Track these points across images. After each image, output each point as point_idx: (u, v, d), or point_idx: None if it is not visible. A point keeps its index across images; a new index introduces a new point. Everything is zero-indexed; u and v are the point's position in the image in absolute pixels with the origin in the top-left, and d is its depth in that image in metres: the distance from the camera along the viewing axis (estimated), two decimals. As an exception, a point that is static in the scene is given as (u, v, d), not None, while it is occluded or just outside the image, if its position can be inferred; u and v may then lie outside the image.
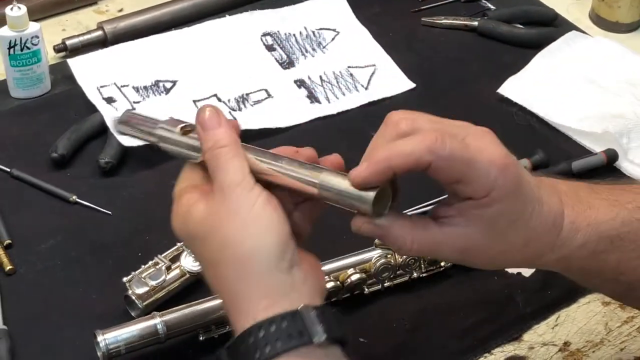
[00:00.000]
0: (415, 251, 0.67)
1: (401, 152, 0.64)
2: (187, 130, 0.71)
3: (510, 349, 0.85)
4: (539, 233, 0.68)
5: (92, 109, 1.04)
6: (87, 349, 0.80)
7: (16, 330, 0.82)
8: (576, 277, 0.74)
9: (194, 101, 1.06)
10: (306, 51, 1.15)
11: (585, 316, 0.88)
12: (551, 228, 0.69)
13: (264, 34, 1.16)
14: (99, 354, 0.78)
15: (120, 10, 1.21)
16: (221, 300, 0.69)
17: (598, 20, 1.25)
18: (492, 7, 1.25)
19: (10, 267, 0.87)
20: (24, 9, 1.01)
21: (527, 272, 0.91)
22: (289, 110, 1.06)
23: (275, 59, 1.13)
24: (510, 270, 0.91)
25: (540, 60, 1.15)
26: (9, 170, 0.97)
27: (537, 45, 1.18)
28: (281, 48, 1.15)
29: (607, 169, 1.02)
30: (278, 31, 1.16)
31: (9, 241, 0.90)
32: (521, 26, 1.22)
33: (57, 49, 1.13)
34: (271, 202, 0.66)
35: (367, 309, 0.86)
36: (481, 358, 0.84)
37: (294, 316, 0.63)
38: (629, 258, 0.72)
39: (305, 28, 1.17)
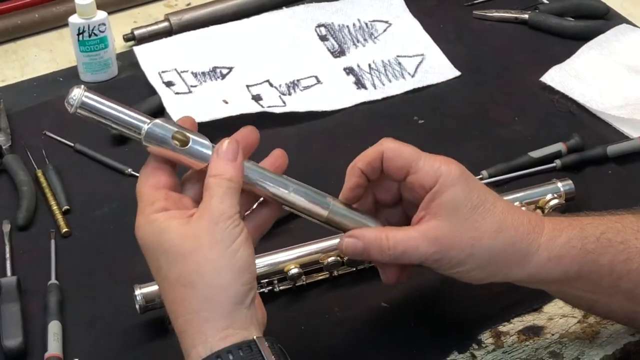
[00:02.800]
0: (393, 251, 0.74)
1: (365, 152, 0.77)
2: (178, 137, 0.72)
3: (529, 319, 0.87)
4: (511, 224, 0.74)
5: (153, 92, 1.11)
6: (127, 304, 0.86)
7: (67, 286, 0.89)
8: (581, 289, 0.77)
9: (247, 86, 1.12)
10: (357, 41, 1.20)
11: (608, 291, 0.90)
12: (527, 224, 0.74)
13: (319, 25, 1.22)
14: (136, 306, 0.85)
15: (188, 4, 1.29)
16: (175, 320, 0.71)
17: (652, 14, 1.26)
18: (545, 0, 1.28)
19: (66, 229, 0.95)
20: (91, -3, 1.10)
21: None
22: (336, 94, 1.12)
23: (328, 48, 1.19)
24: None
25: (587, 51, 1.17)
26: (72, 144, 1.05)
27: (586, 37, 1.20)
28: (334, 38, 1.20)
29: (642, 155, 1.04)
30: (332, 22, 1.22)
31: (67, 207, 0.97)
32: (572, 19, 1.24)
33: (126, 39, 1.21)
34: (249, 239, 0.71)
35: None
36: (499, 326, 0.87)
37: (249, 346, 0.68)
38: (622, 260, 0.75)
39: (359, 20, 1.23)
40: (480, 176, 1.00)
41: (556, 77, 1.13)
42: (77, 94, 0.70)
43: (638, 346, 0.85)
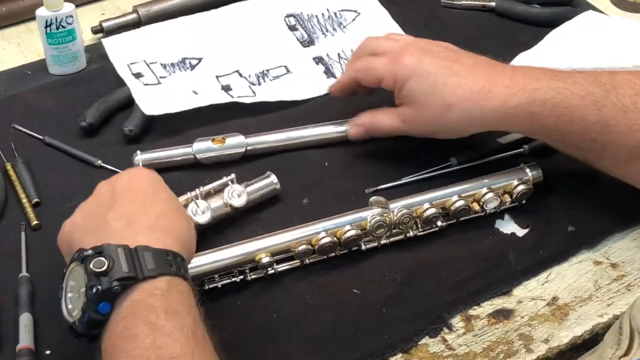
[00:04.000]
0: (382, 128, 1.00)
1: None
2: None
3: (499, 302, 0.88)
4: (462, 96, 0.92)
5: (122, 84, 1.11)
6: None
7: (37, 279, 0.89)
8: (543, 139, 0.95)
9: (217, 76, 1.12)
10: (327, 31, 1.20)
11: (576, 274, 0.91)
12: (478, 92, 0.91)
13: (288, 15, 1.22)
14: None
15: (157, -4, 1.29)
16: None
17: (617, 0, 1.27)
18: (511, -12, 1.29)
19: (37, 222, 0.95)
20: (58, -11, 1.09)
21: (520, 232, 0.95)
22: (306, 84, 1.12)
23: (297, 38, 1.19)
24: (504, 231, 0.95)
25: (554, 37, 1.19)
26: (42, 137, 1.05)
27: (552, 24, 1.21)
28: (303, 28, 1.20)
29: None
30: (301, 12, 1.22)
31: (37, 200, 0.97)
32: (538, 6, 1.25)
33: (94, 31, 1.20)
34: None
35: (363, 264, 0.91)
36: (470, 310, 0.88)
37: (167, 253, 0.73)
38: (564, 122, 0.89)
39: (328, 10, 1.23)
40: (450, 163, 1.01)
41: (524, 63, 1.14)
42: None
43: (606, 327, 0.86)
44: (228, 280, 0.88)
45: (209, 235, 0.92)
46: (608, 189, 0.97)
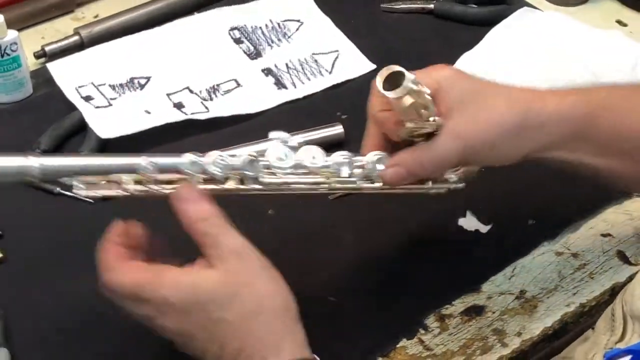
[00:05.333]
0: (432, 162, 0.80)
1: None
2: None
3: (469, 299, 0.91)
4: (516, 96, 0.81)
5: (72, 108, 1.10)
6: (74, 324, 0.87)
7: (9, 312, 0.88)
8: (586, 152, 0.83)
9: (167, 94, 1.12)
10: (272, 42, 1.21)
11: (540, 266, 0.94)
12: (531, 94, 0.82)
13: (232, 29, 1.22)
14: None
15: (96, 17, 1.28)
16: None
17: (550, -4, 1.32)
18: (448, -11, 1.32)
19: (1, 255, 0.94)
20: (1, 17, 1.07)
21: (484, 228, 0.97)
22: (258, 97, 1.13)
23: (243, 50, 1.20)
24: (468, 228, 0.97)
25: (493, 36, 1.22)
26: (-4, 168, 1.03)
27: (490, 22, 1.24)
28: (248, 40, 1.21)
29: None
30: (245, 25, 1.23)
31: (-1, 232, 0.96)
32: (475, 6, 1.28)
33: (37, 55, 1.19)
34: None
35: (335, 271, 0.92)
36: (442, 309, 0.90)
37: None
38: (619, 121, 0.82)
39: (271, 20, 1.24)
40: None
41: (468, 64, 1.17)
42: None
43: (573, 315, 0.90)
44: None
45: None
46: (563, 183, 1.00)
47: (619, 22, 1.28)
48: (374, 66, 1.18)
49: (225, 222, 0.73)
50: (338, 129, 1.06)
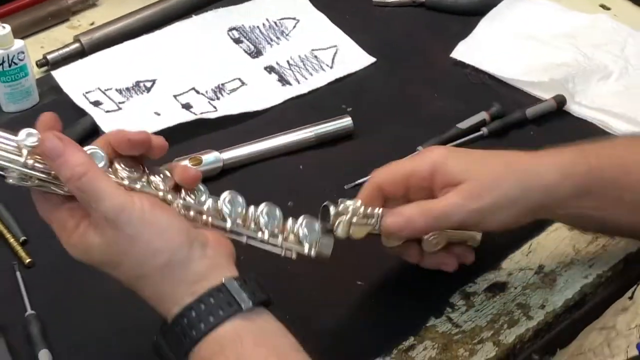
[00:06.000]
0: (435, 215, 0.81)
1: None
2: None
3: (491, 277, 0.94)
4: (513, 157, 0.83)
5: (80, 114, 1.11)
6: (107, 322, 0.88)
7: (43, 315, 0.89)
8: (590, 207, 0.84)
9: (174, 96, 1.14)
10: (271, 40, 1.23)
11: (555, 242, 0.97)
12: (527, 154, 0.84)
13: (230, 29, 1.24)
14: None
15: (92, 24, 1.29)
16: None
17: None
18: (437, -19, 1.35)
19: (29, 260, 0.95)
20: (8, 27, 1.08)
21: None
22: (263, 94, 1.15)
23: (244, 50, 1.22)
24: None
25: (485, 25, 1.26)
26: (13, 176, 1.04)
27: (480, 12, 1.28)
28: (248, 40, 1.23)
29: (558, 113, 1.12)
30: (242, 25, 1.25)
31: (24, 238, 0.97)
32: (464, -4, 1.32)
33: (40, 64, 1.20)
34: (153, 203, 0.72)
35: (360, 255, 0.94)
36: (467, 287, 0.93)
37: (219, 290, 0.71)
38: (623, 173, 0.83)
39: (268, 20, 1.26)
40: (417, 152, 1.06)
41: (464, 52, 1.20)
42: None
43: (592, 286, 0.93)
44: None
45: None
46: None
47: (603, 6, 1.32)
48: (373, 59, 1.21)
49: (102, 176, 0.71)
50: (347, 121, 1.09)
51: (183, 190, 0.77)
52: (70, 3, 1.29)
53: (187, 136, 1.09)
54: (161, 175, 0.77)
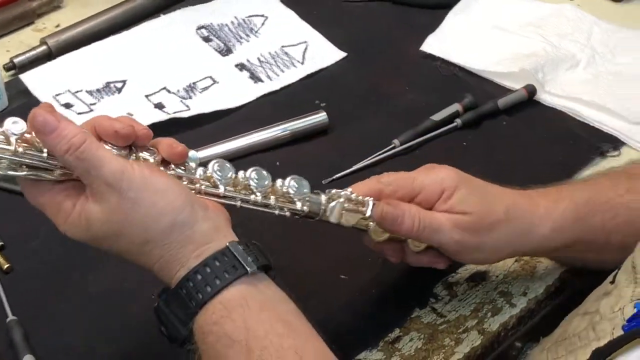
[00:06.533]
0: (423, 224, 0.81)
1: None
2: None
3: (472, 267, 0.94)
4: (515, 206, 0.83)
5: (52, 116, 1.10)
6: (90, 325, 0.88)
7: (24, 320, 0.88)
8: (577, 251, 0.86)
9: (146, 96, 1.13)
10: (241, 38, 1.23)
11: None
12: (527, 203, 0.84)
13: (199, 28, 1.24)
14: None
15: (57, 26, 1.27)
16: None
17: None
18: (401, -24, 1.36)
19: (8, 265, 0.93)
20: (-26, 32, 1.07)
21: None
22: (236, 91, 1.15)
23: (214, 48, 1.21)
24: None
25: (453, 17, 1.27)
26: (-14, 181, 1.03)
27: (447, 4, 1.29)
28: (217, 38, 1.23)
29: (529, 103, 1.14)
30: (211, 23, 1.25)
31: (1, 243, 0.96)
32: (431, -11, 1.33)
33: (7, 68, 1.18)
34: (150, 167, 0.72)
35: (345, 249, 0.95)
36: (449, 278, 0.93)
37: (224, 254, 0.71)
38: (610, 217, 0.85)
39: (236, 17, 1.26)
40: (392, 145, 1.06)
41: (434, 45, 1.21)
42: None
43: (571, 273, 0.94)
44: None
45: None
46: (542, 153, 1.05)
47: (567, -5, 1.34)
48: (344, 54, 1.21)
49: (100, 145, 0.71)
50: (322, 116, 1.09)
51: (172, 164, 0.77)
52: (35, 5, 1.28)
53: (161, 136, 1.07)
54: (149, 151, 0.76)
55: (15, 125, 0.71)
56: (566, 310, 0.88)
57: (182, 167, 0.77)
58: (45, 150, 0.71)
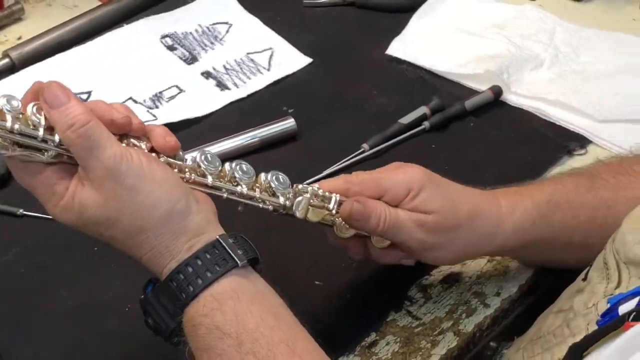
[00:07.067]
0: (388, 223, 0.81)
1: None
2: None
3: (445, 268, 0.94)
4: (480, 207, 0.84)
5: (17, 130, 1.08)
6: (67, 341, 0.87)
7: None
8: (539, 251, 0.87)
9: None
10: (205, 46, 1.23)
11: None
12: (490, 204, 0.84)
13: (163, 36, 1.23)
14: None
15: (19, 38, 1.26)
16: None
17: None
18: (364, -20, 1.36)
19: (-25, 283, 0.92)
20: None
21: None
22: (203, 100, 1.14)
23: (178, 57, 1.21)
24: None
25: (417, 21, 1.27)
26: (-48, 198, 1.01)
27: (410, 8, 1.30)
28: (182, 46, 1.22)
29: (495, 103, 1.14)
30: (175, 32, 1.24)
31: (-32, 261, 0.94)
32: (394, -7, 1.33)
33: (-32, 82, 1.17)
34: (147, 156, 0.72)
35: (318, 256, 0.95)
36: (423, 280, 0.94)
37: (214, 246, 0.71)
38: (570, 217, 0.85)
39: (200, 25, 1.26)
40: (362, 150, 1.07)
41: (399, 48, 1.22)
42: None
43: (544, 271, 0.95)
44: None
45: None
46: (513, 153, 1.06)
47: (528, -4, 1.35)
48: (310, 60, 1.21)
49: (99, 128, 0.70)
50: (290, 123, 1.09)
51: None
52: (-5, 18, 1.26)
53: (128, 147, 1.07)
54: (138, 139, 0.75)
55: (10, 102, 0.70)
56: (539, 310, 0.88)
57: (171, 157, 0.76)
58: (41, 129, 0.70)
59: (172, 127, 1.08)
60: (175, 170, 0.75)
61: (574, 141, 1.10)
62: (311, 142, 1.09)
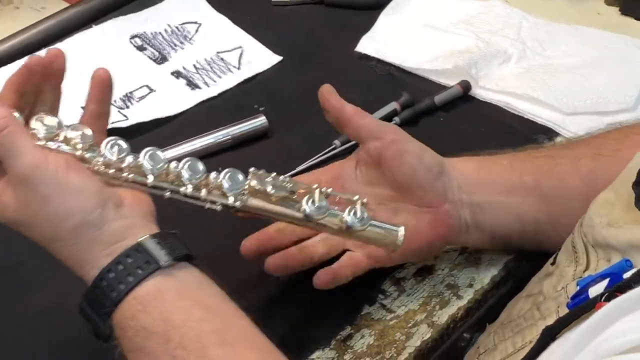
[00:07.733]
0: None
1: None
2: None
3: (419, 261, 0.96)
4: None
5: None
6: (40, 338, 0.87)
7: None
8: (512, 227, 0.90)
9: (82, 107, 1.12)
10: (175, 45, 1.23)
11: (475, 222, 1.00)
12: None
13: (132, 37, 1.23)
14: None
15: (-17, 42, 1.26)
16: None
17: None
18: (331, -22, 1.36)
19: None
20: None
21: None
22: (173, 99, 1.14)
23: (148, 56, 1.21)
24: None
25: (386, 18, 1.28)
26: None
27: (378, 5, 1.30)
28: (151, 46, 1.22)
29: (464, 98, 1.15)
30: (144, 32, 1.24)
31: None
32: (362, -9, 1.34)
33: (-64, 85, 1.16)
34: (68, 164, 0.72)
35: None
36: (396, 273, 0.94)
37: (136, 250, 0.71)
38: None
39: (169, 25, 1.26)
40: (333, 146, 1.07)
41: (368, 46, 1.22)
42: None
43: (516, 261, 0.96)
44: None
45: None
46: (467, 146, 1.07)
47: (494, -8, 1.36)
48: (279, 58, 1.21)
49: (22, 132, 0.72)
50: (261, 120, 1.09)
51: (102, 146, 0.76)
52: (-38, 21, 1.26)
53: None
54: (81, 133, 0.76)
55: None
56: (512, 297, 0.90)
57: (114, 150, 0.76)
58: None
59: (144, 126, 1.11)
60: (112, 170, 0.75)
61: (542, 134, 1.11)
62: (283, 140, 1.09)
